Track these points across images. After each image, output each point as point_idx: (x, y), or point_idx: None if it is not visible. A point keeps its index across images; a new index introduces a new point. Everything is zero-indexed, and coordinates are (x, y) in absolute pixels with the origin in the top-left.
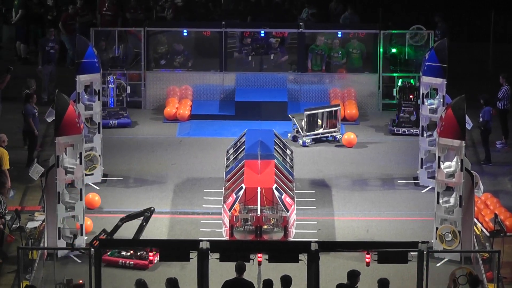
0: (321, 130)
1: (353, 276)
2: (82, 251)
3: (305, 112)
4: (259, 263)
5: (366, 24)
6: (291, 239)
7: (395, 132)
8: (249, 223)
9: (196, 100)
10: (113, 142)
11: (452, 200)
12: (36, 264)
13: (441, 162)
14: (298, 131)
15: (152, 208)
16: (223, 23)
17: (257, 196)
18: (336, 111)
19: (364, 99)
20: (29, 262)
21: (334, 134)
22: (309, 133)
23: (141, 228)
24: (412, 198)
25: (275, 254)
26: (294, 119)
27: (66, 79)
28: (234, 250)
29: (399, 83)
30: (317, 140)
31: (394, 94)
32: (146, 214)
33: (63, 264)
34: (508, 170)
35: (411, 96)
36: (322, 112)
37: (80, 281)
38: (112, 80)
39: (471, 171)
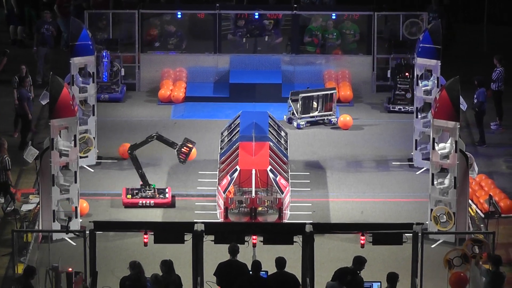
0: (316, 113)
1: (360, 262)
2: (77, 233)
3: (300, 95)
4: (254, 245)
5: (360, 5)
6: (285, 221)
7: (391, 109)
8: (244, 205)
9: (190, 82)
10: (107, 124)
11: (446, 181)
12: (30, 247)
13: (435, 144)
14: (293, 113)
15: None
16: (217, 5)
17: (251, 178)
18: (331, 94)
19: (359, 80)
20: (24, 244)
21: (329, 117)
22: (304, 116)
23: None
24: (406, 179)
25: (270, 236)
26: (290, 101)
27: (61, 61)
28: (229, 232)
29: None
30: (312, 123)
31: (389, 75)
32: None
33: (58, 247)
34: (503, 151)
35: (406, 74)
36: (318, 95)
37: (69, 269)
38: (105, 55)
39: (466, 152)
